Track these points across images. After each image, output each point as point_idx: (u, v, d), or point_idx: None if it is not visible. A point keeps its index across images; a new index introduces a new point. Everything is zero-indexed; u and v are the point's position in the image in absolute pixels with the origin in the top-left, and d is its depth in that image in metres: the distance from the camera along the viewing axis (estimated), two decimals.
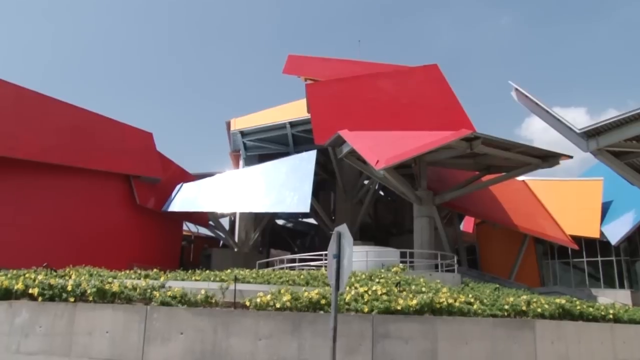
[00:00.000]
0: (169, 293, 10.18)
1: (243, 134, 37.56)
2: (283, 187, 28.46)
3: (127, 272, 14.46)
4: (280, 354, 9.54)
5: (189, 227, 42.32)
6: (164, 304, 9.91)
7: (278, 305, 9.98)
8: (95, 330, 9.73)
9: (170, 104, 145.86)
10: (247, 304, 10.15)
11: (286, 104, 38.80)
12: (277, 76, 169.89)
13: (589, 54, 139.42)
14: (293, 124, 35.65)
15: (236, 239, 39.01)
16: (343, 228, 8.35)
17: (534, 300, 13.05)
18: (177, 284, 11.62)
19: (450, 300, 11.04)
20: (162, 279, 12.72)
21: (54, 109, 26.73)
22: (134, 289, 10.36)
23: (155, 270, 14.61)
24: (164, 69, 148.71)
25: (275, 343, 9.60)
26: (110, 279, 11.04)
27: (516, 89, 29.83)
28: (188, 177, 34.60)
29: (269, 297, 10.22)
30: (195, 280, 13.91)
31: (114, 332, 9.67)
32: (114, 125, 29.67)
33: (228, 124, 39.26)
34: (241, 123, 38.30)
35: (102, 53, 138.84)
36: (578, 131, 25.65)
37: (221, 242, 43.65)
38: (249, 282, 13.94)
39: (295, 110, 35.52)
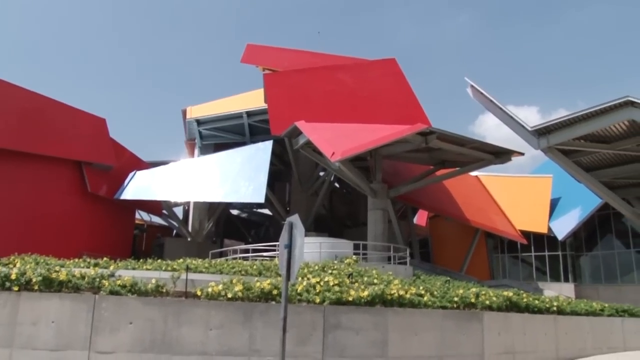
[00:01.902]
0: (118, 282, 10.01)
1: (199, 122, 37.10)
2: (238, 176, 28.25)
3: (76, 260, 14.16)
4: (231, 344, 9.52)
5: (141, 215, 41.62)
6: (113, 293, 9.74)
7: (230, 295, 9.94)
8: (40, 320, 9.47)
9: (125, 91, 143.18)
10: (199, 293, 10.07)
11: (243, 93, 38.53)
12: (236, 65, 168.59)
13: (542, 55, 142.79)
14: (250, 114, 35.43)
15: (190, 229, 38.62)
16: (295, 218, 8.36)
17: (483, 292, 13.33)
18: (128, 273, 11.45)
19: (402, 292, 11.18)
20: (112, 267, 12.53)
21: (2, 91, 25.82)
22: (82, 277, 10.14)
23: (105, 259, 14.36)
24: (120, 55, 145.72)
25: (226, 333, 9.57)
26: (57, 268, 10.77)
27: (472, 86, 30.35)
28: (142, 165, 33.98)
29: (220, 287, 10.16)
30: (147, 269, 13.76)
31: (60, 322, 9.44)
32: (65, 110, 28.84)
33: (184, 112, 38.74)
34: (197, 111, 37.84)
35: (55, 35, 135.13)
36: (530, 129, 26.29)
37: (174, 231, 43.17)
38: (201, 272, 13.86)
39: (253, 100, 35.30)
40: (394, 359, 10.47)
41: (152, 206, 36.14)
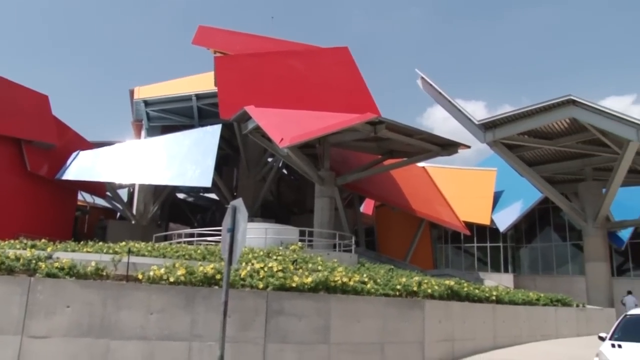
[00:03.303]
0: (56, 264, 9.69)
1: (147, 103, 36.29)
2: (185, 160, 27.86)
3: (12, 242, 13.70)
4: (172, 328, 9.40)
5: (84, 197, 40.54)
6: (50, 275, 9.42)
7: (172, 280, 9.80)
8: None
9: (70, 69, 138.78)
10: (140, 277, 9.88)
11: (194, 75, 37.90)
12: (187, 47, 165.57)
13: (490, 50, 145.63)
14: (199, 97, 34.90)
15: (134, 212, 37.91)
16: (238, 202, 8.29)
17: (425, 281, 13.55)
18: (67, 255, 11.13)
19: (345, 279, 11.25)
20: (49, 249, 12.17)
21: None
22: (17, 259, 9.76)
23: (43, 240, 13.93)
24: (65, 31, 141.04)
25: (167, 317, 9.44)
26: None
27: (422, 78, 30.75)
28: (86, 145, 33.02)
29: (163, 270, 10.01)
30: (87, 252, 13.45)
31: None
32: (5, 85, 27.62)
33: (131, 92, 37.78)
34: (145, 92, 36.98)
35: None
36: (477, 122, 26.86)
37: (118, 214, 42.26)
38: (144, 256, 13.63)
39: (203, 82, 34.75)
40: (336, 345, 10.55)
41: (96, 187, 35.23)
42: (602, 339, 10.19)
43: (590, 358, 10.03)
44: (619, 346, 9.45)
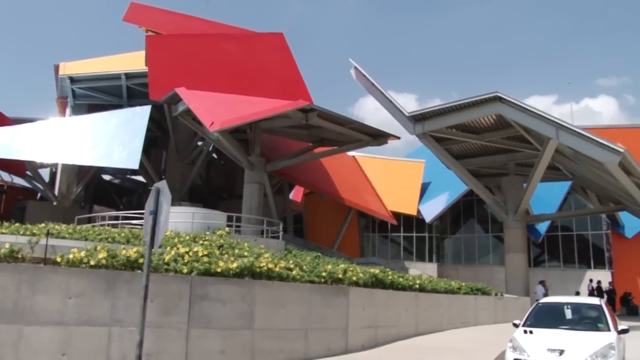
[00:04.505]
0: None
1: (73, 80, 34.79)
2: (112, 140, 27.00)
3: None
4: (91, 313, 9.11)
5: (2, 176, 38.71)
6: None
7: (93, 263, 9.48)
8: None
9: None
10: (59, 260, 9.50)
11: (124, 53, 36.71)
12: (118, 23, 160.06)
13: (423, 45, 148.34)
14: (129, 76, 33.77)
15: (56, 192, 36.50)
16: (162, 184, 8.13)
17: (351, 269, 13.74)
18: None
19: (271, 265, 11.25)
20: None
21: None
22: None
23: None
24: None
25: (87, 302, 9.13)
26: None
27: (355, 68, 30.95)
28: (5, 121, 31.39)
29: (83, 253, 9.65)
30: (2, 233, 12.87)
31: None
32: None
33: (56, 68, 36.10)
34: (72, 68, 35.45)
35: None
36: (407, 114, 27.34)
37: (39, 194, 40.59)
38: (64, 238, 13.19)
39: (133, 61, 33.65)
40: (260, 331, 10.55)
41: (14, 166, 33.64)
42: (515, 325, 10.71)
43: (504, 343, 10.47)
44: (531, 332, 10.00)
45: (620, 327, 10.13)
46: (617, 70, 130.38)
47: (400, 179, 39.46)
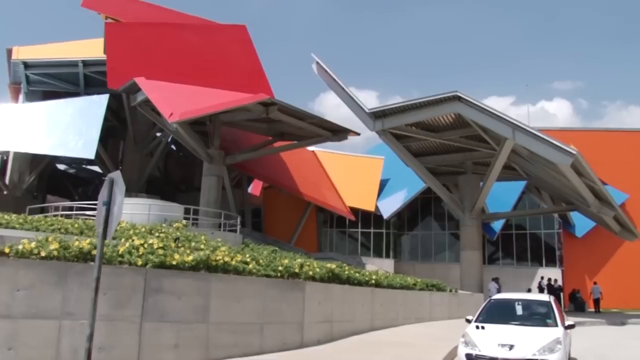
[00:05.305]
0: None
1: (27, 65, 33.82)
2: (68, 129, 26.46)
3: None
4: (41, 305, 8.87)
5: None
6: None
7: (43, 254, 9.22)
8: None
9: None
10: (7, 251, 9.21)
11: (81, 40, 35.86)
12: (76, 9, 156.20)
13: (386, 43, 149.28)
14: (87, 63, 33.00)
15: (7, 181, 35.45)
16: (116, 175, 7.96)
17: (307, 263, 13.72)
18: None
19: (227, 259, 11.16)
20: None
21: None
22: None
23: None
24: None
25: (36, 294, 8.88)
26: None
27: (317, 63, 30.98)
28: None
29: (34, 244, 9.39)
30: None
31: None
32: None
33: (9, 52, 34.99)
34: (26, 53, 34.44)
35: None
36: (367, 111, 27.51)
37: None
38: (14, 228, 12.86)
39: (91, 48, 32.87)
40: (215, 325, 10.46)
41: None
42: (468, 321, 10.93)
43: (457, 338, 10.65)
44: (482, 327, 10.25)
45: (567, 323, 10.48)
46: (572, 74, 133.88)
47: (359, 175, 39.62)
